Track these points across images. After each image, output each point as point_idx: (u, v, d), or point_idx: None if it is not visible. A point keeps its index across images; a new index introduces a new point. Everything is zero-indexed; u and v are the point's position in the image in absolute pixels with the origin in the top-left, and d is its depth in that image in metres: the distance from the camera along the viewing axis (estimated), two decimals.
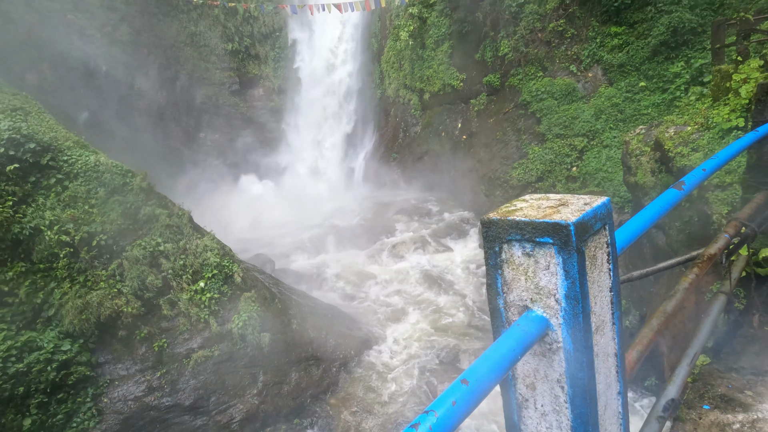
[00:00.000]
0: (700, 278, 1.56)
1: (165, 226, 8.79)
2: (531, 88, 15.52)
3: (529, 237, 0.94)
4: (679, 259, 2.59)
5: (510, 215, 0.98)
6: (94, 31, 20.27)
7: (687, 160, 7.52)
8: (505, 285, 1.01)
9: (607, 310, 1.04)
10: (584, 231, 0.92)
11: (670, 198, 1.45)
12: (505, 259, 1.00)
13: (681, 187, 1.51)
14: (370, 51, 22.23)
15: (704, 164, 1.84)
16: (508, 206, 1.06)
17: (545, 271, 0.94)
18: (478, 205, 16.59)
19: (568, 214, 0.93)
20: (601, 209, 1.00)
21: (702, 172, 1.75)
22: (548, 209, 0.98)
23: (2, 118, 7.98)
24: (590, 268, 0.96)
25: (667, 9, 13.23)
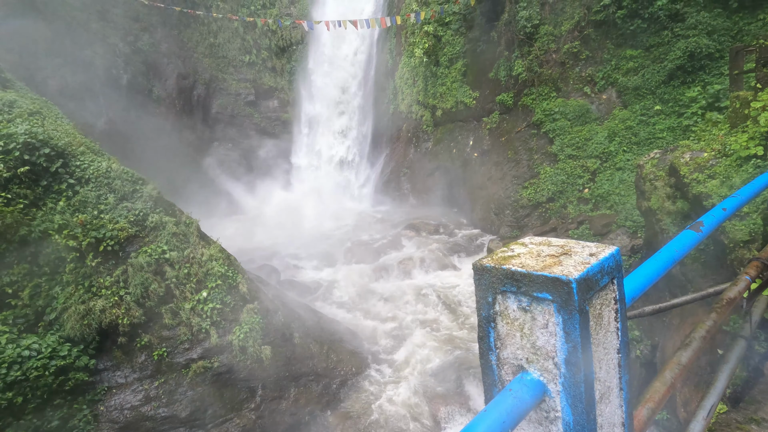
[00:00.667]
0: (718, 325, 1.44)
1: (172, 234, 8.80)
2: (544, 108, 15.45)
3: (526, 290, 0.83)
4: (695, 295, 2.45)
5: (506, 263, 0.87)
6: (117, 40, 20.82)
7: (703, 186, 7.32)
8: (498, 340, 0.90)
9: (614, 375, 0.92)
10: (588, 288, 0.81)
11: (687, 241, 1.34)
12: (499, 312, 0.89)
13: (699, 228, 1.39)
14: (385, 67, 22.43)
15: (724, 203, 1.72)
16: (505, 251, 0.95)
17: (543, 329, 0.83)
18: (487, 224, 16.42)
19: (570, 267, 0.83)
20: (608, 261, 0.89)
21: (722, 212, 1.63)
22: (548, 259, 0.87)
23: (20, 122, 8.13)
24: (595, 329, 0.85)
25: (684, 34, 13.13)
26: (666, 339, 7.81)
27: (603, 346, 0.88)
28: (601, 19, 14.27)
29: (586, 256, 0.88)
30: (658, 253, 1.29)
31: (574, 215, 13.98)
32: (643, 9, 13.46)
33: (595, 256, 0.88)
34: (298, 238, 18.33)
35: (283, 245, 17.90)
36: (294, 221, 19.95)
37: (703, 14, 12.97)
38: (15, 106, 8.57)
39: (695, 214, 7.76)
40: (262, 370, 8.74)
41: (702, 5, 13.08)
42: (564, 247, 0.94)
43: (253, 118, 25.35)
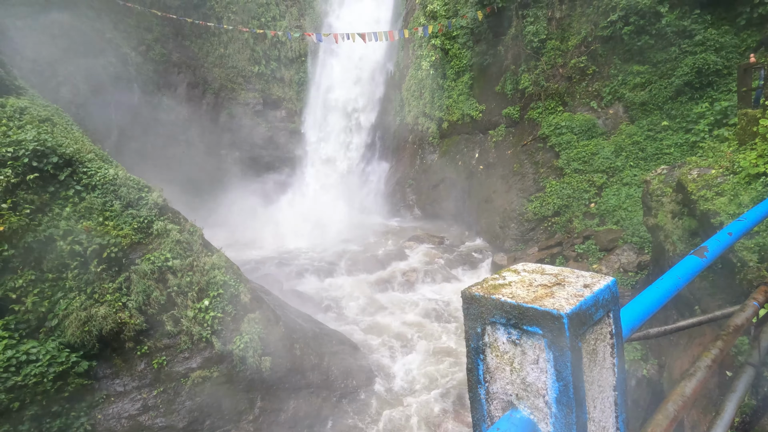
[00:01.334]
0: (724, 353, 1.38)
1: (175, 242, 8.81)
2: (550, 122, 15.44)
3: (516, 323, 0.79)
4: (701, 318, 2.39)
5: (495, 292, 0.83)
6: (130, 50, 21.20)
7: (711, 204, 7.22)
8: (487, 373, 0.85)
9: (610, 414, 0.87)
10: (581, 323, 0.77)
11: (690, 267, 1.29)
12: (488, 343, 0.85)
13: (703, 254, 1.34)
14: (392, 79, 22.61)
15: (730, 227, 1.66)
16: (496, 278, 0.91)
17: (533, 365, 0.79)
18: (492, 237, 16.31)
19: (562, 299, 0.78)
20: (604, 294, 0.84)
21: (728, 237, 1.58)
22: (540, 289, 0.83)
23: (30, 129, 8.24)
24: (589, 366, 0.80)
25: (692, 50, 13.12)
26: (673, 359, 7.64)
27: (598, 384, 0.83)
28: (608, 35, 14.31)
29: (580, 288, 0.83)
30: (660, 280, 1.24)
31: (580, 230, 13.85)
32: (650, 25, 13.48)
33: (590, 287, 0.83)
34: (302, 247, 18.32)
35: (287, 254, 17.89)
36: (298, 230, 19.97)
37: (711, 31, 12.96)
38: (26, 113, 8.71)
39: (703, 231, 7.64)
40: (261, 381, 8.66)
41: (710, 22, 13.08)
42: (557, 276, 0.89)
43: (261, 127, 25.57)
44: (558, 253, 13.47)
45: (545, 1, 15.58)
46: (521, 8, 15.86)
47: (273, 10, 25.64)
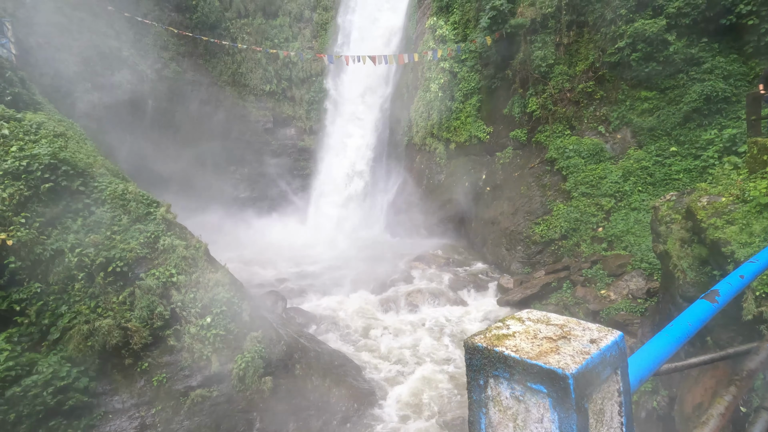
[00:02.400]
0: (738, 400, 1.33)
1: (181, 258, 8.84)
2: (558, 146, 15.46)
3: (520, 379, 0.76)
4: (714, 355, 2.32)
5: (499, 344, 0.80)
6: (146, 68, 21.76)
7: (722, 232, 7.12)
8: (489, 427, 0.82)
9: None
10: (588, 383, 0.73)
11: (701, 313, 1.24)
12: (491, 397, 0.81)
13: (714, 298, 1.30)
14: (401, 100, 22.89)
15: (742, 269, 1.62)
16: (500, 327, 0.88)
17: (538, 424, 0.75)
18: (498, 259, 16.18)
19: (568, 356, 0.75)
20: (611, 350, 0.80)
21: (739, 279, 1.53)
22: (545, 343, 0.80)
23: (45, 143, 8.42)
24: (595, 427, 0.77)
25: (700, 77, 13.18)
26: (685, 391, 7.41)
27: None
28: (616, 61, 14.44)
29: (586, 343, 0.80)
30: (670, 327, 1.20)
31: (587, 254, 13.69)
32: (657, 52, 13.60)
33: (596, 343, 0.80)
34: (308, 265, 18.29)
35: (291, 271, 17.86)
36: (304, 247, 19.98)
37: (719, 59, 13.04)
38: (42, 128, 8.90)
39: (713, 260, 7.51)
40: (261, 401, 8.52)
41: (717, 50, 13.17)
42: (563, 327, 0.86)
43: (270, 145, 25.91)
44: (565, 277, 13.30)
45: (553, 28, 15.82)
46: (529, 34, 16.11)
47: (286, 32, 26.30)
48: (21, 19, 15.93)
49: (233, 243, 21.58)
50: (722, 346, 7.03)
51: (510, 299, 13.43)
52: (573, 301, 12.30)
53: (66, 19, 17.94)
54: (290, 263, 18.68)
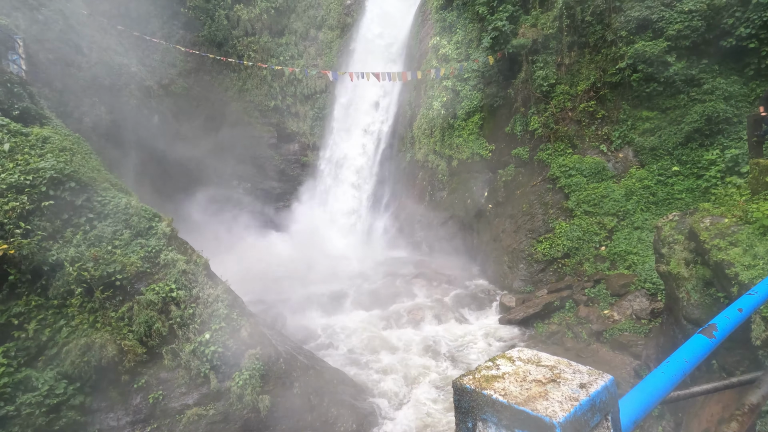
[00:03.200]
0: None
1: (181, 272, 8.82)
2: (560, 164, 15.50)
3: (508, 424, 0.74)
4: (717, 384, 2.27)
5: (487, 386, 0.78)
6: (153, 83, 22.13)
7: (725, 254, 7.05)
8: None
9: None
10: (575, 431, 0.72)
11: (698, 349, 1.21)
12: None
13: (712, 333, 1.26)
14: (404, 116, 23.12)
15: (740, 301, 1.58)
16: (489, 367, 0.86)
17: None
18: (500, 277, 16.06)
19: (556, 403, 0.72)
20: (601, 396, 0.77)
21: (738, 313, 1.49)
22: (534, 386, 0.77)
23: (50, 157, 8.51)
24: None
25: (701, 98, 13.26)
26: (690, 417, 7.25)
27: None
28: (617, 81, 14.58)
29: (576, 388, 0.77)
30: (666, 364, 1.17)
31: (590, 273, 13.59)
32: (658, 73, 13.72)
33: (586, 388, 0.77)
34: (309, 280, 18.19)
35: (292, 286, 17.76)
36: (306, 263, 19.91)
37: (720, 80, 13.14)
38: (48, 142, 9.01)
39: (717, 281, 7.43)
40: (258, 420, 8.38)
41: (718, 71, 13.28)
42: (554, 369, 0.83)
43: (274, 160, 26.11)
44: (568, 296, 13.17)
45: (554, 48, 16.03)
46: (531, 54, 16.32)
47: (292, 50, 26.77)
48: (33, 36, 16.29)
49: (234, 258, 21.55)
50: (728, 370, 6.90)
51: (512, 318, 13.28)
52: (576, 321, 12.15)
53: (77, 36, 18.34)
54: (291, 279, 18.59)
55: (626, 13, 14.13)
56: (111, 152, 18.45)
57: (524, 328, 12.92)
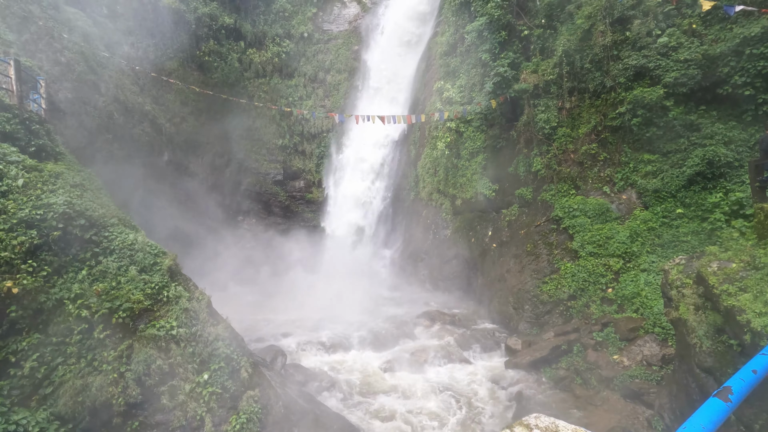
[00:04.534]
0: None
1: (183, 310, 8.73)
2: (564, 205, 15.58)
3: None
4: None
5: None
6: (165, 121, 22.83)
7: (735, 300, 6.93)
8: None
9: None
10: None
11: (714, 413, 1.16)
12: None
13: (728, 396, 1.23)
14: (408, 156, 23.56)
15: (754, 362, 1.55)
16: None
17: None
18: (505, 318, 15.76)
19: None
20: None
21: (752, 375, 1.46)
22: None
23: (61, 193, 8.66)
24: None
25: (701, 142, 13.48)
26: None
27: None
28: (617, 125, 14.90)
29: None
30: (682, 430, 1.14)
31: (597, 316, 13.32)
32: (657, 118, 14.05)
33: None
34: (311, 318, 17.91)
35: (294, 324, 17.47)
36: (309, 300, 19.68)
37: (718, 125, 13.40)
38: (60, 178, 9.20)
39: (729, 328, 7.26)
40: None
41: (716, 117, 13.58)
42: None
43: (279, 197, 26.42)
44: (575, 339, 12.85)
45: (555, 93, 16.53)
46: (532, 98, 16.82)
47: (300, 91, 27.74)
48: (55, 76, 17.02)
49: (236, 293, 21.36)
50: (746, 423, 6.61)
51: (518, 362, 12.91)
52: (585, 366, 11.79)
53: (96, 76, 19.14)
54: (292, 316, 18.32)
55: (624, 61, 14.66)
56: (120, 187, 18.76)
57: (531, 373, 12.53)
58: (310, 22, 28.28)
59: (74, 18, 19.42)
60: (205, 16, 24.88)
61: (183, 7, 24.02)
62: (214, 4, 25.34)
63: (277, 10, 27.51)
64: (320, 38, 28.52)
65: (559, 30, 16.61)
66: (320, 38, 28.52)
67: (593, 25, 15.36)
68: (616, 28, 14.98)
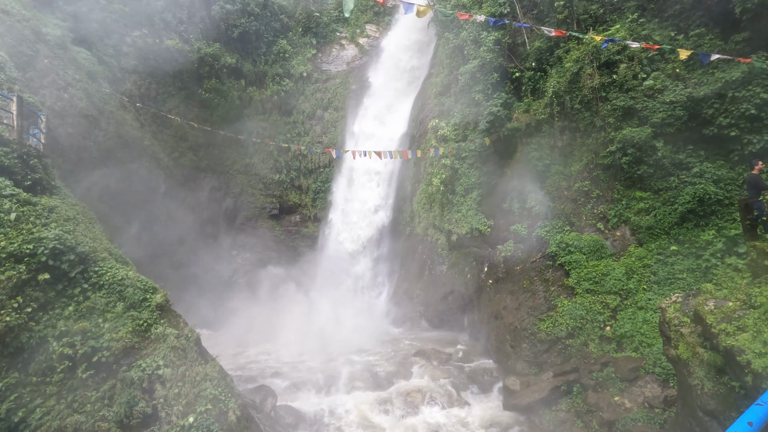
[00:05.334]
0: None
1: (170, 348, 8.48)
2: (558, 241, 15.60)
3: None
4: None
5: None
6: (164, 156, 23.09)
7: (734, 339, 6.83)
8: None
9: None
10: None
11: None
12: None
13: None
14: (403, 191, 23.78)
15: (749, 414, 1.48)
16: None
17: None
18: (503, 356, 15.40)
19: None
20: None
21: (748, 427, 1.40)
22: None
23: (53, 227, 8.61)
24: None
25: (691, 180, 13.72)
26: None
27: None
28: (609, 163, 15.19)
29: None
30: None
31: (597, 355, 13.05)
32: (647, 156, 14.35)
33: None
34: (303, 355, 17.44)
35: (286, 361, 16.98)
36: (302, 337, 19.22)
37: (707, 164, 13.69)
38: (54, 212, 9.17)
39: (730, 369, 7.11)
40: None
41: (704, 156, 13.88)
42: None
43: (275, 231, 26.37)
44: (575, 380, 12.52)
45: (547, 132, 16.95)
46: (525, 137, 17.23)
47: (299, 127, 28.32)
48: (57, 111, 17.34)
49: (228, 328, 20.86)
50: None
51: (517, 403, 12.50)
52: (585, 409, 11.42)
53: (97, 111, 19.52)
54: (285, 353, 17.83)
55: (612, 102, 15.15)
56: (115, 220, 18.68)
57: (530, 415, 12.11)
58: (309, 63, 29.28)
59: (80, 57, 20.04)
60: (208, 56, 25.73)
61: (187, 48, 24.88)
62: (216, 45, 26.27)
63: (277, 51, 28.53)
64: (319, 78, 29.44)
65: (549, 72, 17.25)
66: (319, 78, 29.44)
67: (581, 69, 15.98)
68: (603, 71, 15.58)
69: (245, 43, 27.55)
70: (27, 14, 18.15)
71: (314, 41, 29.97)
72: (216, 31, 26.57)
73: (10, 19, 17.10)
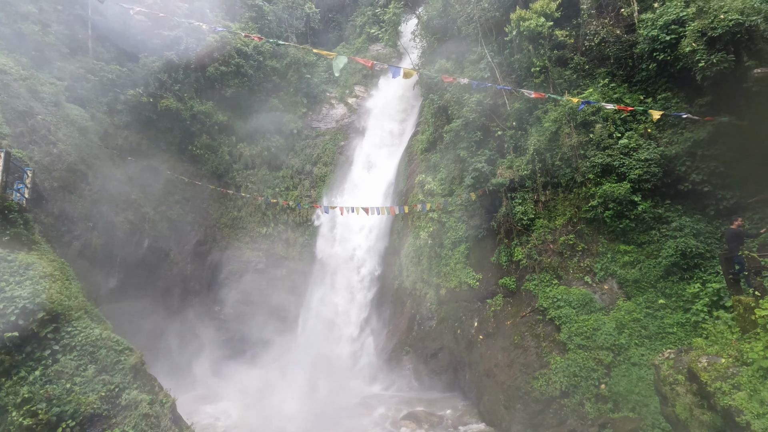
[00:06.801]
0: None
1: (142, 416, 7.89)
2: (548, 294, 15.52)
3: None
4: None
5: None
6: (150, 209, 22.93)
7: (731, 399, 6.67)
8: None
9: None
10: None
11: None
12: None
13: None
14: (392, 245, 23.75)
15: None
16: None
17: None
18: (497, 418, 14.70)
19: None
20: None
21: None
22: None
23: (28, 284, 8.27)
24: None
25: (672, 234, 14.05)
26: None
27: None
28: (591, 217, 15.55)
29: None
30: None
31: (593, 416, 12.55)
32: (628, 211, 14.77)
33: None
34: (288, 419, 16.36)
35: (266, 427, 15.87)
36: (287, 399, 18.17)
37: (685, 218, 14.11)
38: (30, 269, 8.86)
39: (729, 429, 6.87)
40: None
41: (682, 211, 14.35)
42: None
43: (260, 285, 25.76)
44: None
45: (530, 187, 17.44)
46: (510, 191, 17.67)
47: (287, 182, 28.66)
48: (44, 166, 17.32)
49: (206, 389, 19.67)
50: None
51: None
52: None
53: (85, 166, 19.55)
54: (266, 417, 16.71)
55: (590, 159, 15.81)
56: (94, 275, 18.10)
57: None
58: (300, 120, 30.26)
59: (73, 113, 20.40)
60: (201, 114, 26.44)
61: (180, 106, 25.60)
62: (210, 104, 27.11)
63: (269, 108, 29.53)
64: (309, 134, 30.31)
65: (529, 131, 18.08)
66: (309, 134, 30.31)
67: (560, 128, 16.81)
68: (581, 130, 16.41)
69: (237, 102, 28.50)
70: (24, 73, 18.66)
71: (305, 100, 31.20)
72: (210, 91, 27.54)
73: (7, 77, 17.53)
